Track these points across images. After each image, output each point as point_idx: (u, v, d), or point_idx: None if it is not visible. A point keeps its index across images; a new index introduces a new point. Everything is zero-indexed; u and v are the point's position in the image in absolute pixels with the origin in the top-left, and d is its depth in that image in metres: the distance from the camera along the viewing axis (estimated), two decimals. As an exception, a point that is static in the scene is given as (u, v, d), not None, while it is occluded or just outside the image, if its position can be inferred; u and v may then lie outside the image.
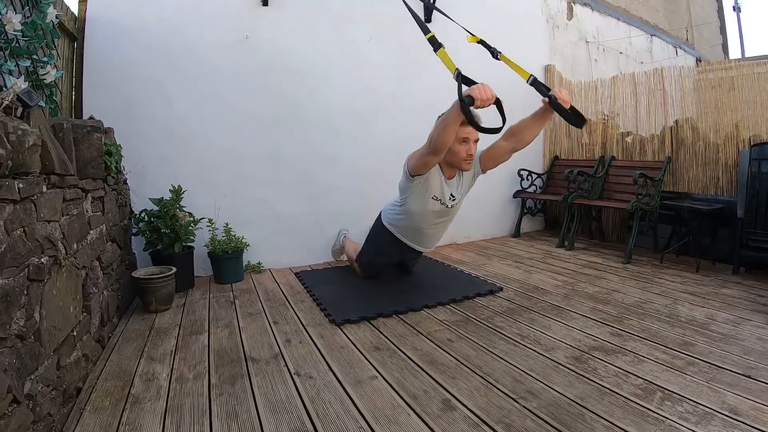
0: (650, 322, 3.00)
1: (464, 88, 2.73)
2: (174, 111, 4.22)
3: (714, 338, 2.72)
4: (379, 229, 3.92)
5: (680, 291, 3.67)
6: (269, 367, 2.45)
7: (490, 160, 3.46)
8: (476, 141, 3.29)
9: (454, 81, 2.75)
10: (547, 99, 2.91)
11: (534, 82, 3.01)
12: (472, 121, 2.67)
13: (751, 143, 4.41)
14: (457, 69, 2.76)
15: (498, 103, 2.72)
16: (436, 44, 2.98)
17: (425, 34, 3.06)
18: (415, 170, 3.29)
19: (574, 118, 2.88)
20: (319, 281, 4.06)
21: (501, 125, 2.82)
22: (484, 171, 3.56)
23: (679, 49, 9.56)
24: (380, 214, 3.96)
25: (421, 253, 4.04)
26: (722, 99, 4.84)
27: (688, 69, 5.31)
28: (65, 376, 2.01)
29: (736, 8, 14.61)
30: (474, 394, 2.14)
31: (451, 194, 3.52)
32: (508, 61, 3.19)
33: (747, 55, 13.89)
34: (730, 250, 4.35)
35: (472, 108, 2.65)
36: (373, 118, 4.99)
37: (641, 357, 2.48)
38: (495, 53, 3.29)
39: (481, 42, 3.37)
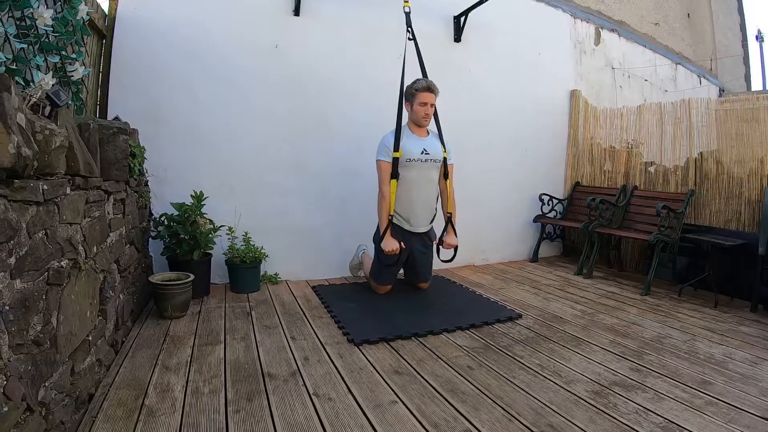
0: (669, 358, 2.94)
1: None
2: (199, 115, 4.22)
3: (732, 378, 2.67)
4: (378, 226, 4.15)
5: (699, 327, 3.60)
6: (287, 386, 2.41)
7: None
8: (432, 105, 4.08)
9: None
10: (437, 240, 4.31)
11: (449, 219, 4.22)
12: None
13: (776, 180, 4.37)
14: (391, 215, 3.97)
15: (400, 253, 3.98)
16: (395, 171, 3.96)
17: (394, 151, 3.96)
18: None
19: (443, 254, 4.28)
20: (336, 297, 4.03)
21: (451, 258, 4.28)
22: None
23: (702, 79, 9.51)
24: None
25: (426, 240, 4.24)
26: (747, 132, 4.78)
27: (714, 101, 5.26)
28: (78, 382, 1.98)
29: (759, 38, 14.54)
30: (496, 426, 2.09)
31: (424, 149, 4.07)
32: (449, 188, 4.22)
33: (768, 86, 13.84)
34: (749, 287, 4.28)
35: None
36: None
37: (661, 394, 2.43)
38: (447, 175, 4.20)
39: (444, 159, 4.17)
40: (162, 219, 3.82)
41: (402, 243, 3.97)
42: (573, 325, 3.56)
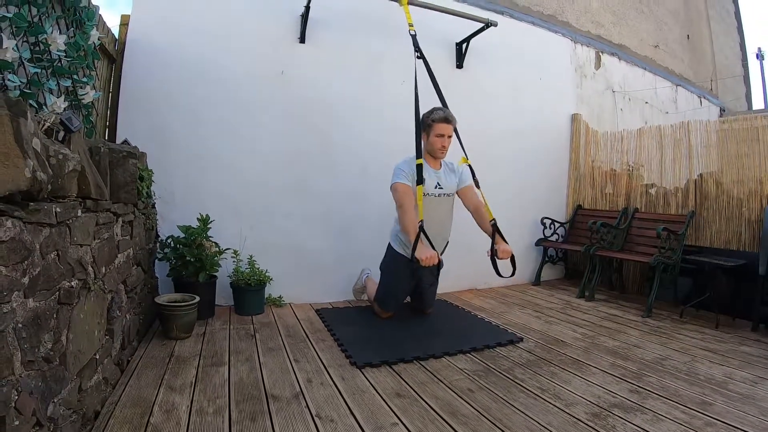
0: (669, 379, 2.96)
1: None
2: (206, 138, 4.31)
3: (732, 398, 2.69)
4: (388, 252, 4.14)
5: (699, 348, 3.63)
6: (290, 407, 2.44)
7: (461, 194, 4.14)
8: (450, 137, 3.93)
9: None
10: (489, 251, 3.76)
11: (494, 226, 3.79)
12: (415, 269, 3.73)
13: (775, 199, 4.43)
14: (420, 221, 3.52)
15: (438, 265, 3.71)
16: (420, 175, 3.68)
17: (417, 158, 3.74)
18: None
19: (501, 268, 3.72)
20: (339, 320, 4.05)
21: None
22: (458, 193, 4.15)
23: (703, 99, 9.53)
24: (389, 242, 4.20)
25: (433, 269, 4.08)
26: (746, 152, 4.83)
27: (713, 123, 5.32)
28: (86, 399, 2.02)
29: (760, 56, 14.59)
30: (494, 448, 2.12)
31: (438, 183, 3.97)
32: (482, 196, 3.95)
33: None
34: (750, 307, 4.32)
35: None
36: (400, 158, 4.97)
37: (660, 416, 2.44)
38: (477, 183, 3.99)
39: (470, 167, 4.00)
40: (168, 241, 3.87)
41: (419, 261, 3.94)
42: (574, 348, 3.57)
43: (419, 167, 3.67)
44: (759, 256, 4.23)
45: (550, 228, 6.18)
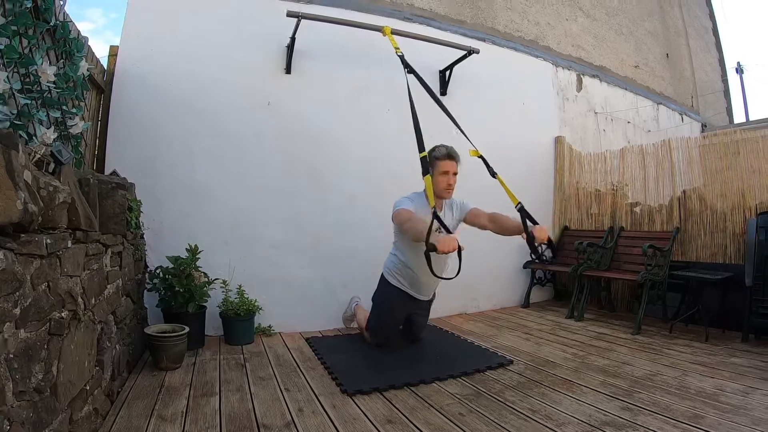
0: (660, 395, 2.96)
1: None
2: (195, 168, 4.35)
3: (724, 410, 2.70)
4: (381, 284, 4.06)
5: (690, 362, 3.64)
6: (282, 437, 2.42)
7: (471, 220, 3.96)
8: (455, 174, 3.79)
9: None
10: (524, 235, 3.37)
11: (521, 210, 3.43)
12: (429, 266, 3.05)
13: (758, 211, 4.52)
14: (433, 207, 3.14)
15: (459, 252, 3.03)
16: (425, 167, 3.33)
17: (420, 152, 3.38)
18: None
19: (541, 252, 3.34)
20: (330, 348, 4.02)
21: (455, 275, 3.23)
22: (466, 221, 3.97)
23: (684, 116, 9.65)
24: (382, 273, 4.10)
25: (425, 304, 4.10)
26: (728, 166, 4.93)
27: (694, 139, 5.43)
28: (76, 430, 2.01)
29: (739, 70, 14.87)
30: (486, 470, 2.11)
31: (439, 227, 3.55)
32: (502, 183, 3.60)
33: (751, 117, 14.01)
34: (739, 318, 4.36)
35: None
36: (388, 186, 5.01)
37: (651, 431, 2.45)
38: (492, 173, 3.69)
39: (482, 158, 3.77)
40: (157, 272, 3.86)
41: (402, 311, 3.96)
42: (564, 368, 3.58)
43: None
44: (745, 268, 4.30)
45: (538, 249, 6.18)
